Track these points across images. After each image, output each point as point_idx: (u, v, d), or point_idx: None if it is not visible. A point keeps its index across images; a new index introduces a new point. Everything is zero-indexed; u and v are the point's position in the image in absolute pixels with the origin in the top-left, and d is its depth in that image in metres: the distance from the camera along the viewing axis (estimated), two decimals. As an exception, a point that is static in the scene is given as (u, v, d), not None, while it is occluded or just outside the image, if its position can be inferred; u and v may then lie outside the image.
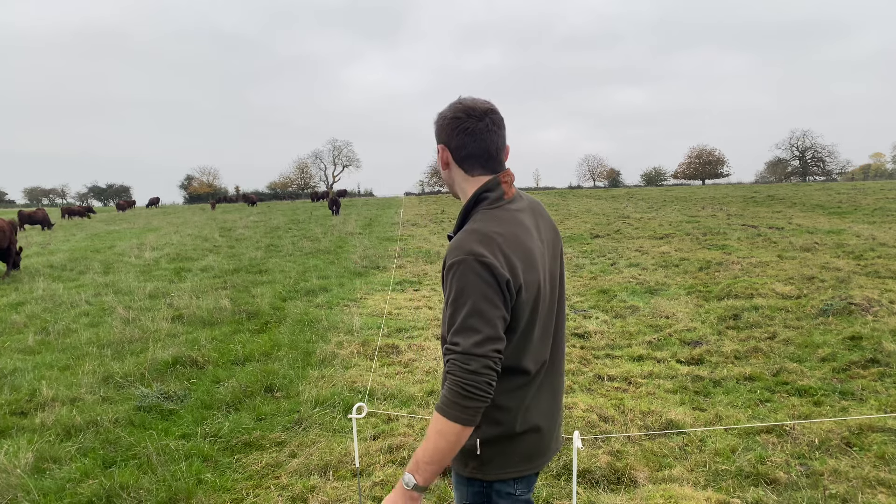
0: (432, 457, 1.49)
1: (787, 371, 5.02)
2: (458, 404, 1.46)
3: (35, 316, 8.07)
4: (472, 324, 1.48)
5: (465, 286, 1.50)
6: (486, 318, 1.48)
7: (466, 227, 1.61)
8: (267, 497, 3.37)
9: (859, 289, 7.59)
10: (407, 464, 1.85)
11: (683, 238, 14.31)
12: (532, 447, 1.69)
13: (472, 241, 1.53)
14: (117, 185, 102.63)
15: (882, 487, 3.21)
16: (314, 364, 5.64)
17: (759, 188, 43.39)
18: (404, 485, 1.52)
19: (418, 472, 1.50)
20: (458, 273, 1.51)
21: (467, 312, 1.49)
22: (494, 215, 1.63)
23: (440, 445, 1.48)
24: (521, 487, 1.70)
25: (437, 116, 1.72)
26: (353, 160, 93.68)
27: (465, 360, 1.47)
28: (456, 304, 1.51)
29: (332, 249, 15.04)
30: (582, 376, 5.20)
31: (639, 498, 3.21)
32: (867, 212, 19.35)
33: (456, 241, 1.56)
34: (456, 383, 1.47)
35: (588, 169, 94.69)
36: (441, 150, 1.72)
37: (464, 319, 1.49)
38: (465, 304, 1.49)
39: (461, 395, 1.46)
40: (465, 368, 1.46)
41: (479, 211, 1.65)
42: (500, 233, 1.57)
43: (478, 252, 1.51)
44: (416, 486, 1.50)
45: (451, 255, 1.55)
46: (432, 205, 34.73)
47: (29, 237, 22.37)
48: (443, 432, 1.47)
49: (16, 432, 4.24)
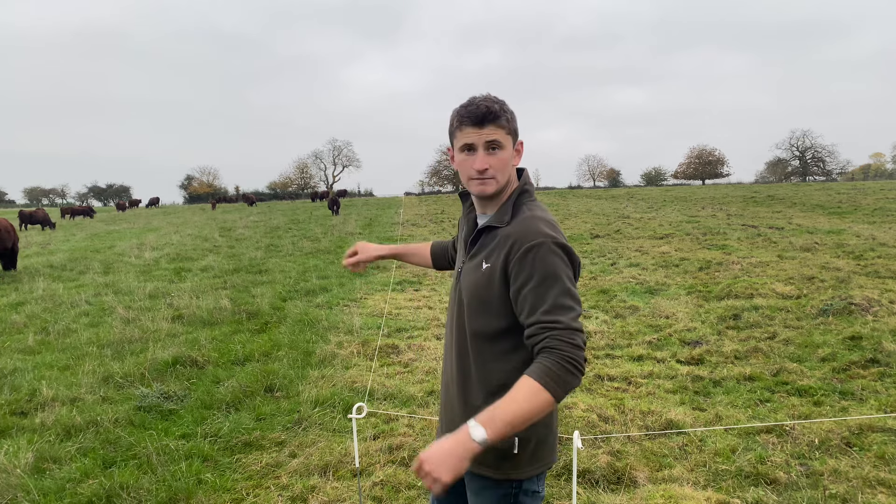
0: (514, 418, 1.40)
1: (787, 371, 5.02)
2: (563, 379, 1.43)
3: (35, 316, 8.06)
4: (565, 302, 1.51)
5: (552, 266, 1.54)
6: (575, 297, 1.54)
7: (527, 215, 1.65)
8: (267, 497, 3.37)
9: (859, 289, 7.59)
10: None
11: (683, 238, 14.31)
12: (553, 438, 1.72)
13: (544, 226, 1.60)
14: (117, 185, 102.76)
15: (882, 487, 3.21)
16: (314, 364, 5.64)
17: (759, 188, 43.39)
18: (471, 435, 1.38)
19: (491, 428, 1.39)
20: (538, 255, 1.54)
21: (559, 291, 1.51)
22: (542, 207, 1.72)
23: (526, 410, 1.41)
24: (541, 484, 1.72)
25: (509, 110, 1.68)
26: (353, 160, 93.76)
27: (570, 336, 1.47)
28: (544, 285, 1.52)
29: (332, 249, 15.04)
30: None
31: (639, 498, 3.21)
32: (867, 212, 19.35)
33: (525, 227, 1.60)
34: (565, 358, 1.44)
35: (588, 169, 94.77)
36: (521, 145, 1.75)
37: (556, 298, 1.51)
38: (555, 283, 1.52)
39: (566, 370, 1.44)
40: (572, 343, 1.46)
41: (527, 202, 1.71)
42: (556, 222, 1.66)
43: (553, 236, 1.57)
44: (485, 440, 1.38)
45: (525, 239, 1.57)
46: (432, 205, 34.73)
47: (29, 237, 22.37)
48: (534, 401, 1.42)
49: (16, 432, 4.24)
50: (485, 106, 1.63)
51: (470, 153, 1.67)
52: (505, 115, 1.66)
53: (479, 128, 1.64)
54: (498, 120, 1.64)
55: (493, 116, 1.63)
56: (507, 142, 1.67)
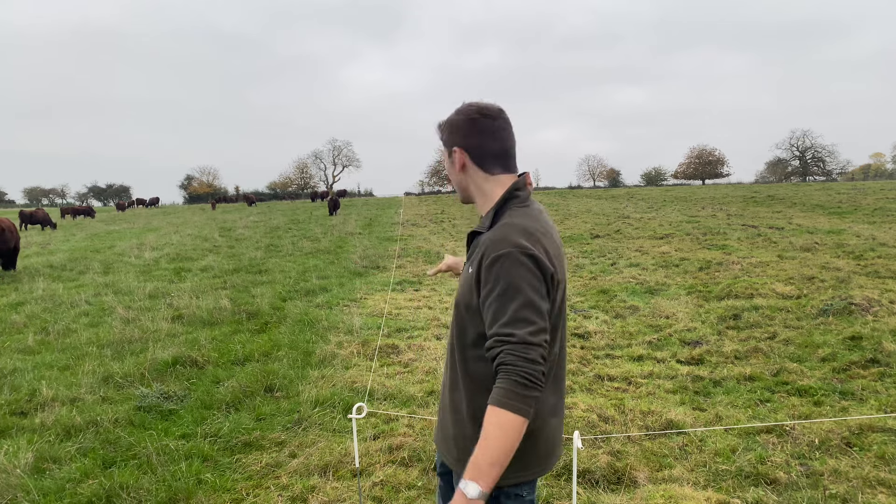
0: (496, 457, 1.40)
1: (787, 371, 5.02)
2: (520, 395, 1.41)
3: (35, 316, 8.06)
4: (525, 315, 1.47)
5: (515, 278, 1.49)
6: (537, 309, 1.48)
7: (504, 222, 1.61)
8: (267, 497, 3.37)
9: (859, 289, 7.58)
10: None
11: (683, 238, 14.31)
12: (543, 449, 1.68)
13: (515, 235, 1.54)
14: (117, 185, 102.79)
15: (882, 487, 3.21)
16: (314, 364, 5.64)
17: (759, 188, 43.38)
18: (467, 496, 1.39)
19: (482, 478, 1.40)
20: (504, 265, 1.50)
21: (520, 304, 1.48)
22: (527, 213, 1.65)
23: (503, 442, 1.40)
24: (528, 489, 1.69)
25: (446, 121, 1.74)
26: (353, 160, 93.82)
27: (524, 350, 1.44)
28: (505, 297, 1.49)
29: (332, 249, 15.04)
30: (582, 376, 5.20)
31: (639, 498, 3.21)
32: (867, 212, 19.35)
33: (497, 235, 1.56)
34: (516, 373, 1.42)
35: (588, 169, 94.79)
36: (458, 153, 1.72)
37: (516, 311, 1.47)
38: (517, 295, 1.48)
39: (523, 385, 1.42)
40: (525, 357, 1.44)
41: (511, 208, 1.67)
42: (537, 228, 1.60)
43: (523, 245, 1.52)
44: (482, 493, 1.40)
45: (493, 249, 1.54)
46: (432, 205, 34.73)
47: (29, 237, 22.37)
48: (504, 426, 1.41)
49: (16, 432, 4.23)
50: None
51: None
52: (441, 132, 1.75)
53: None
54: (441, 137, 1.75)
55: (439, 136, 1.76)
56: (444, 157, 1.76)
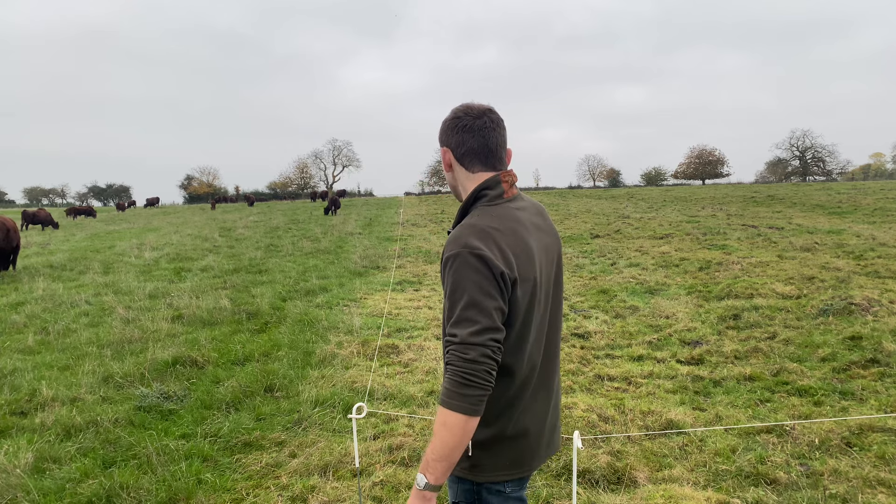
0: (441, 452, 1.48)
1: (787, 371, 5.03)
2: (459, 393, 1.46)
3: (35, 316, 8.06)
4: (468, 315, 1.50)
5: (461, 279, 1.52)
6: (482, 309, 1.50)
7: (463, 223, 1.64)
8: (267, 497, 3.37)
9: (859, 289, 7.59)
10: (417, 464, 1.87)
11: (683, 238, 14.31)
12: (523, 451, 1.69)
13: (468, 235, 1.56)
14: (117, 185, 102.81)
15: (882, 487, 3.21)
16: (314, 364, 5.64)
17: (759, 188, 43.37)
18: (416, 485, 1.51)
19: (429, 471, 1.49)
20: (454, 266, 1.54)
21: (464, 304, 1.50)
22: (491, 212, 1.65)
23: (446, 439, 1.47)
24: (512, 486, 1.71)
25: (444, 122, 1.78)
26: (352, 160, 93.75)
27: (462, 350, 1.48)
28: (453, 297, 1.53)
29: (332, 249, 15.04)
30: (582, 376, 5.20)
31: (639, 498, 3.21)
32: (867, 212, 19.35)
33: (452, 236, 1.60)
34: (455, 373, 1.47)
35: (588, 169, 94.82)
36: (444, 153, 1.76)
37: (461, 311, 1.50)
38: (462, 296, 1.51)
39: (461, 384, 1.46)
40: (463, 358, 1.47)
41: (478, 207, 1.68)
42: (496, 227, 1.60)
43: (473, 245, 1.53)
44: (428, 484, 1.49)
45: (447, 250, 1.58)
46: (432, 205, 34.73)
47: (29, 237, 22.37)
48: (447, 424, 1.47)
49: (16, 432, 4.24)
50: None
51: None
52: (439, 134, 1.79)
53: None
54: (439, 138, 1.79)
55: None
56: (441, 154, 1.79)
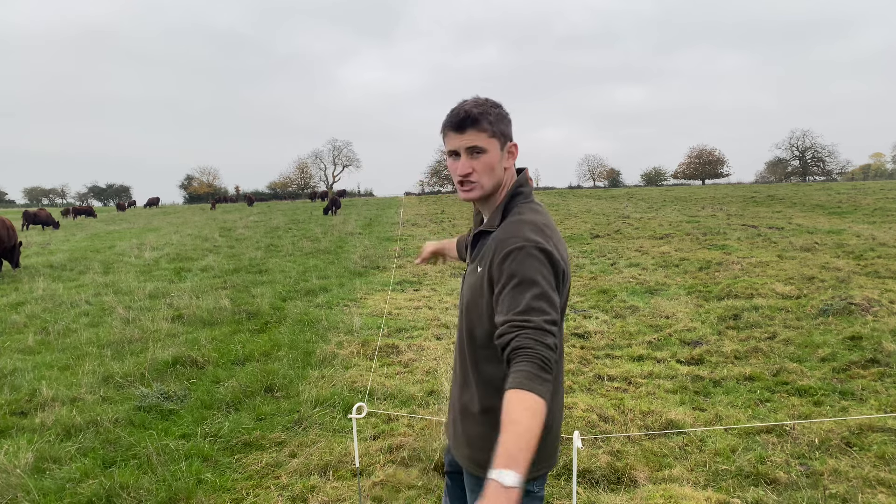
0: (528, 441, 1.31)
1: (787, 371, 5.03)
2: (541, 378, 1.39)
3: (35, 316, 8.06)
4: (540, 305, 1.48)
5: (529, 269, 1.51)
6: (552, 302, 1.50)
7: (513, 219, 1.64)
8: (267, 497, 3.37)
9: (859, 289, 7.59)
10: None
11: (683, 238, 14.31)
12: (548, 446, 1.70)
13: (528, 230, 1.57)
14: (117, 185, 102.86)
15: (882, 487, 3.22)
16: (314, 364, 5.64)
17: (759, 188, 43.36)
18: (504, 486, 1.26)
19: (516, 465, 1.28)
20: (518, 259, 1.53)
21: (535, 295, 1.49)
22: (535, 209, 1.67)
23: (533, 427, 1.33)
24: (538, 485, 1.71)
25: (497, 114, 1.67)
26: (353, 160, 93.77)
27: (542, 336, 1.44)
28: (519, 288, 1.50)
29: (332, 249, 15.04)
30: (582, 376, 5.20)
31: (639, 498, 3.21)
32: (867, 212, 19.35)
33: (509, 230, 1.59)
34: (536, 356, 1.41)
35: (588, 169, 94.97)
36: (515, 147, 1.72)
37: (531, 301, 1.48)
38: (532, 287, 1.50)
39: (542, 368, 1.41)
40: (543, 342, 1.44)
41: (518, 204, 1.69)
42: (547, 224, 1.62)
43: (536, 240, 1.55)
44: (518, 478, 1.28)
45: (507, 243, 1.56)
46: (432, 205, 34.72)
47: (29, 237, 22.36)
48: (533, 409, 1.35)
49: (16, 432, 4.23)
50: (465, 111, 1.64)
51: (455, 159, 1.68)
52: (487, 119, 1.64)
53: (461, 133, 1.65)
54: (478, 124, 1.63)
55: (473, 121, 1.63)
56: (490, 145, 1.65)
